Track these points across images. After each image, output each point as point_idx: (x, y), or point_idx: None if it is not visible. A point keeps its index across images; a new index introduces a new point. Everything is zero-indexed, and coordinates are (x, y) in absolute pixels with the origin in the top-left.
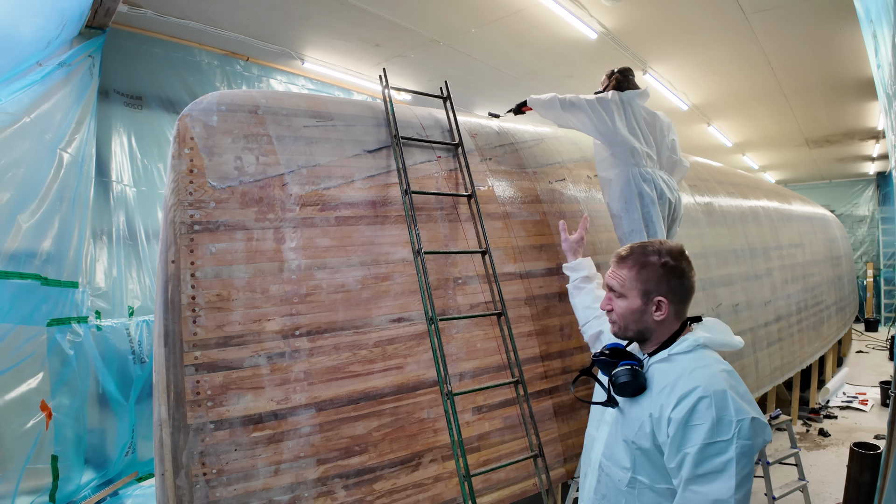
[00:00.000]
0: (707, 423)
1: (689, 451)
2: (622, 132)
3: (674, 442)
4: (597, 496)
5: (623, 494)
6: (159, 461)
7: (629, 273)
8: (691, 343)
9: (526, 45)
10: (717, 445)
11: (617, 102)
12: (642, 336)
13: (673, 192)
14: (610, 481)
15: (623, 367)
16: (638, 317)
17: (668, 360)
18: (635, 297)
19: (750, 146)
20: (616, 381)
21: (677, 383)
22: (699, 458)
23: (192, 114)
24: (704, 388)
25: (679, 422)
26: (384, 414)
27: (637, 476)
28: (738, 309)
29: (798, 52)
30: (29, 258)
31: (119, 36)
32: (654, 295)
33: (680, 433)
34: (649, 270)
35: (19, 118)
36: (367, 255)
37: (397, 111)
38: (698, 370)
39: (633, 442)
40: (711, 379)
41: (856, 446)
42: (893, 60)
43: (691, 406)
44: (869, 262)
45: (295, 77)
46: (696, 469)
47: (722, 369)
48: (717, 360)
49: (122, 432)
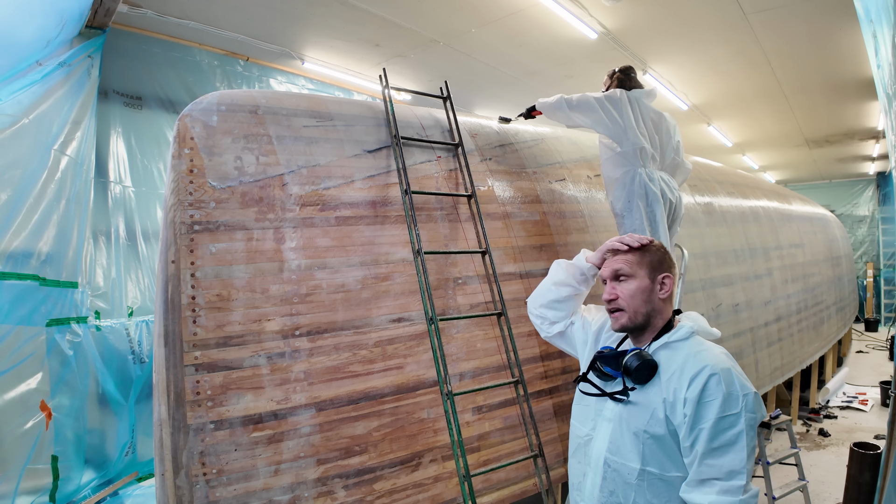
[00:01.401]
0: (719, 398)
1: (703, 426)
2: (633, 130)
3: (689, 420)
4: (603, 493)
5: (633, 487)
6: (159, 461)
7: (633, 257)
8: (687, 330)
9: (526, 45)
10: (728, 419)
11: (625, 100)
12: (648, 321)
13: (673, 192)
14: (618, 476)
15: (632, 354)
16: (647, 296)
17: (669, 347)
18: (644, 275)
19: (750, 146)
20: (629, 366)
21: (685, 366)
22: (713, 431)
23: (192, 114)
24: (713, 367)
25: (693, 400)
26: (384, 414)
27: (647, 468)
28: (738, 309)
29: (798, 52)
30: (27, 259)
31: (119, 36)
32: (659, 273)
33: (695, 411)
34: (651, 252)
35: (18, 119)
36: (367, 255)
37: (397, 111)
38: (702, 353)
39: (644, 431)
40: (716, 358)
41: (856, 446)
42: (893, 60)
43: (703, 384)
44: (869, 262)
45: (295, 77)
46: (710, 443)
47: (722, 350)
48: (712, 343)
49: (121, 432)
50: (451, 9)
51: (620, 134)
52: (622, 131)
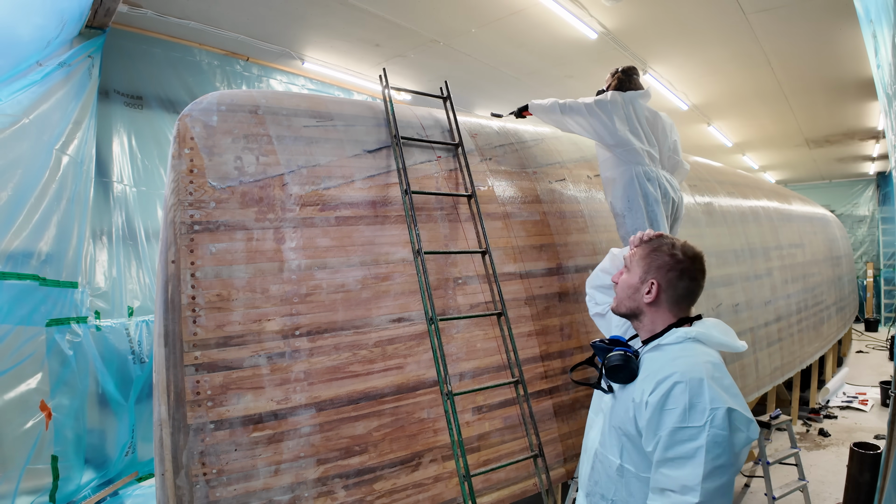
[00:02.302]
0: (679, 407)
1: (661, 433)
2: (621, 133)
3: (649, 425)
4: (590, 482)
5: (613, 482)
6: (159, 461)
7: (641, 252)
8: (681, 335)
9: (526, 45)
10: (687, 431)
11: (617, 103)
12: (633, 315)
13: (676, 191)
14: (602, 468)
15: (616, 353)
16: (631, 293)
17: (658, 349)
18: (636, 273)
19: (750, 146)
20: (608, 364)
21: (659, 370)
22: (669, 441)
23: (192, 114)
24: (681, 375)
25: (655, 405)
26: (384, 414)
27: (624, 464)
28: (738, 309)
29: (798, 52)
30: (27, 258)
31: (119, 36)
32: (650, 276)
33: (655, 417)
34: (657, 255)
35: (18, 119)
36: (367, 255)
37: (397, 111)
38: (681, 359)
39: (620, 428)
40: (691, 367)
41: (856, 446)
42: (893, 60)
43: (666, 390)
44: (869, 262)
45: (295, 77)
46: (666, 452)
47: (707, 360)
48: (705, 352)
49: (121, 432)
50: (451, 9)
51: (609, 137)
52: (611, 135)
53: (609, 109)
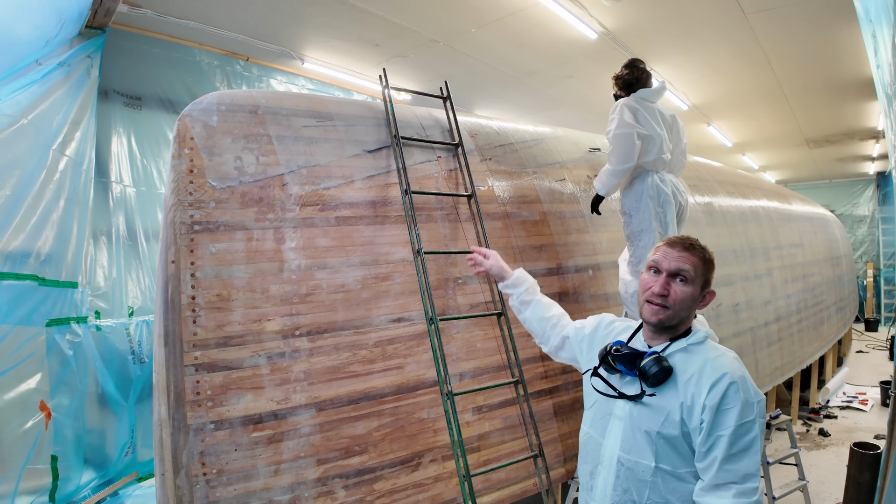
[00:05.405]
0: (738, 406)
1: (722, 433)
2: (648, 155)
3: (707, 426)
4: (617, 491)
5: (647, 485)
6: (159, 461)
7: (698, 262)
8: (703, 335)
9: (526, 45)
10: (745, 426)
11: (629, 123)
12: (680, 324)
13: (682, 194)
14: (632, 474)
15: (650, 359)
16: (691, 304)
17: (687, 351)
18: (697, 286)
19: (750, 146)
20: (648, 372)
21: (703, 372)
22: (733, 438)
23: (192, 114)
24: (731, 375)
25: (713, 407)
26: (384, 414)
27: (660, 465)
28: (738, 309)
29: (798, 52)
30: (25, 258)
31: (119, 36)
32: (707, 287)
33: (714, 417)
34: (708, 264)
35: (17, 119)
36: (367, 255)
37: (397, 111)
38: (719, 358)
39: (657, 432)
40: (732, 366)
41: (856, 446)
42: (893, 60)
43: (723, 392)
44: (869, 262)
45: (295, 77)
46: (730, 449)
47: (734, 356)
48: (724, 348)
49: (121, 432)
50: (451, 9)
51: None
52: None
53: (625, 143)
